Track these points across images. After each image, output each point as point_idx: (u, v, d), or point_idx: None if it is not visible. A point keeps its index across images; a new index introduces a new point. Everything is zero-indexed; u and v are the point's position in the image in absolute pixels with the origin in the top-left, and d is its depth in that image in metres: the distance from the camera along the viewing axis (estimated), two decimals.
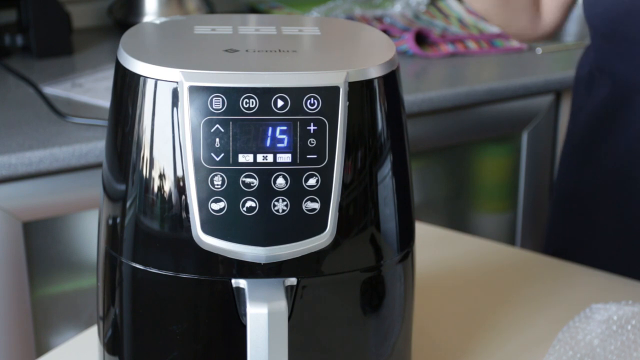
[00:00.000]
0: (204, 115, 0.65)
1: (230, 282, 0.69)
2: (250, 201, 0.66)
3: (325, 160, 0.66)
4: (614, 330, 0.86)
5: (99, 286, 0.74)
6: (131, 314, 0.72)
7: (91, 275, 1.51)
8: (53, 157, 1.42)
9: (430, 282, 1.01)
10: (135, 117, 0.68)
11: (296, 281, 0.69)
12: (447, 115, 1.77)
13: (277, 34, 0.75)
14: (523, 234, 1.94)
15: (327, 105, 0.66)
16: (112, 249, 0.71)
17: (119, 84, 0.70)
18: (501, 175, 1.93)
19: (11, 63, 1.74)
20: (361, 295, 0.72)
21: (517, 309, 0.97)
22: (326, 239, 0.67)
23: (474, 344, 0.91)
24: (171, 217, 0.68)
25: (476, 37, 1.95)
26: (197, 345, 0.71)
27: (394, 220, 0.72)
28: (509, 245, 1.11)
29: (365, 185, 0.69)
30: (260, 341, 0.66)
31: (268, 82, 0.65)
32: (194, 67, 0.66)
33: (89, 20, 2.04)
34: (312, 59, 0.71)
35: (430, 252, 1.07)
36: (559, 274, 1.03)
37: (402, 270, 0.74)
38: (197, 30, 0.75)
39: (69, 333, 1.56)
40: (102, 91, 1.63)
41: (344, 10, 2.04)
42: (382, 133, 0.70)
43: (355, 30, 0.80)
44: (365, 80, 0.68)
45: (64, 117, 1.51)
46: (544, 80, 1.81)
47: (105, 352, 0.75)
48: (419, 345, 0.88)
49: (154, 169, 0.68)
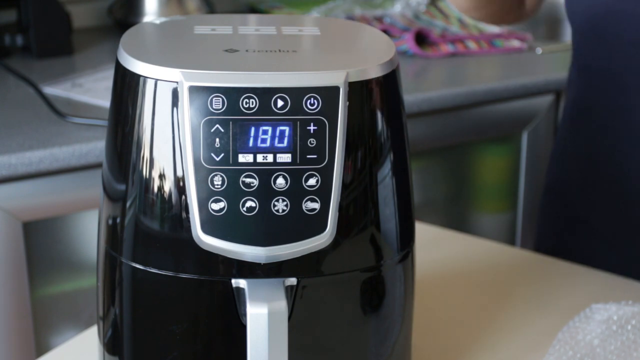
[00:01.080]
0: (204, 115, 0.65)
1: (230, 282, 0.69)
2: (250, 201, 0.66)
3: (325, 160, 0.66)
4: (614, 330, 0.86)
5: (99, 286, 0.74)
6: (131, 314, 0.72)
7: (91, 275, 1.51)
8: (53, 157, 1.42)
9: (430, 282, 1.01)
10: (135, 117, 0.68)
11: (296, 281, 0.69)
12: (447, 115, 1.77)
13: (277, 34, 0.75)
14: (523, 234, 1.94)
15: (327, 105, 0.66)
16: (112, 249, 0.71)
17: (119, 84, 0.70)
18: (501, 175, 1.93)
19: (11, 63, 1.74)
20: (361, 295, 0.72)
21: (517, 309, 0.97)
22: (326, 239, 0.67)
23: (474, 344, 0.91)
24: (171, 217, 0.68)
25: (476, 37, 1.95)
26: (197, 345, 0.71)
27: (394, 220, 0.72)
28: (509, 245, 1.11)
29: (365, 185, 0.69)
30: (260, 341, 0.66)
31: (268, 82, 0.65)
32: (194, 67, 0.66)
33: (89, 20, 2.04)
34: (312, 59, 0.71)
35: (430, 252, 1.07)
36: (559, 274, 1.03)
37: (402, 270, 0.74)
38: (197, 30, 0.75)
39: (69, 333, 1.56)
40: (102, 91, 1.63)
41: (344, 10, 2.04)
42: (382, 133, 0.70)
43: (355, 30, 0.80)
44: (365, 80, 0.68)
45: (64, 117, 1.51)
46: (544, 80, 1.81)
47: (105, 352, 0.75)
48: (419, 345, 0.88)
49: (154, 169, 0.68)
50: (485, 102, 1.78)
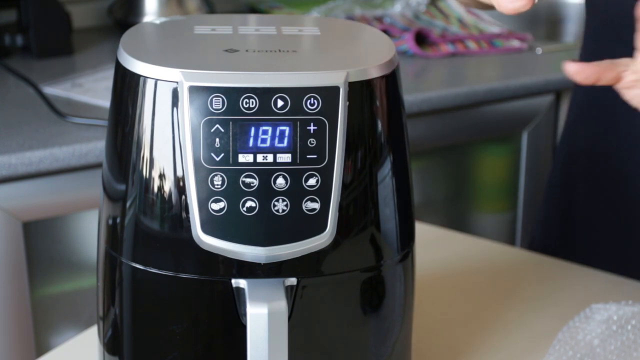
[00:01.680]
0: (204, 115, 0.65)
1: (230, 282, 0.69)
2: (250, 201, 0.66)
3: (325, 160, 0.66)
4: (614, 330, 0.86)
5: (99, 286, 0.74)
6: (131, 314, 0.72)
7: (91, 275, 1.51)
8: (53, 157, 1.42)
9: (430, 282, 1.01)
10: (135, 117, 0.68)
11: (296, 281, 0.69)
12: (447, 115, 1.77)
13: (277, 34, 0.75)
14: (523, 234, 1.94)
15: (327, 105, 0.66)
16: (112, 249, 0.71)
17: (119, 84, 0.70)
18: (501, 175, 1.93)
19: (11, 63, 1.74)
20: (361, 295, 0.72)
21: (517, 309, 0.97)
22: (326, 239, 0.67)
23: (474, 344, 0.91)
24: (171, 217, 0.68)
25: (476, 37, 1.95)
26: (197, 345, 0.71)
27: (394, 220, 0.72)
28: (509, 245, 1.11)
29: (365, 185, 0.69)
30: (260, 341, 0.66)
31: (268, 82, 0.65)
32: (194, 67, 0.66)
33: (89, 20, 2.04)
34: (312, 59, 0.71)
35: (430, 252, 1.07)
36: (559, 274, 1.03)
37: (402, 270, 0.74)
38: (197, 30, 0.75)
39: (69, 333, 1.56)
40: (102, 91, 1.63)
41: (344, 10, 2.04)
42: (382, 133, 0.70)
43: (355, 30, 0.80)
44: (365, 80, 0.68)
45: (64, 117, 1.51)
46: (544, 80, 1.81)
47: (105, 352, 0.75)
48: (419, 345, 0.88)
49: (154, 169, 0.68)
50: (485, 102, 1.78)
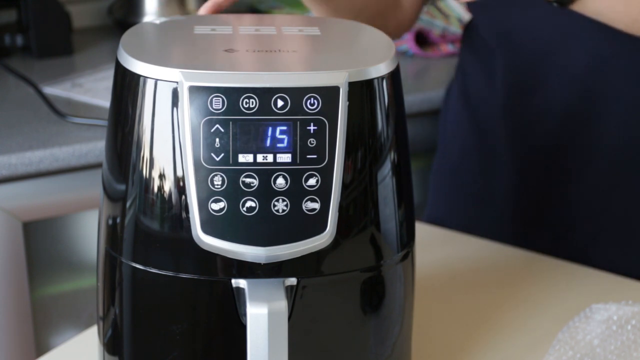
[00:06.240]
0: (204, 115, 0.65)
1: (230, 282, 0.69)
2: (250, 201, 0.66)
3: (325, 160, 0.66)
4: (614, 330, 0.86)
5: (99, 286, 0.74)
6: (131, 314, 0.72)
7: (91, 275, 1.51)
8: (53, 157, 1.42)
9: (431, 282, 1.01)
10: (135, 117, 0.68)
11: (296, 281, 0.69)
12: None
13: (277, 34, 0.75)
14: None
15: (327, 105, 0.66)
16: (112, 249, 0.71)
17: (119, 84, 0.70)
18: None
19: (11, 63, 1.74)
20: (361, 295, 0.72)
21: (517, 309, 0.97)
22: (326, 239, 0.67)
23: (474, 344, 0.91)
24: (171, 217, 0.68)
25: None
26: (197, 345, 0.71)
27: (394, 220, 0.72)
28: (509, 245, 1.11)
29: (365, 185, 0.69)
30: (260, 341, 0.66)
31: (268, 82, 0.65)
32: (194, 67, 0.66)
33: (89, 20, 2.04)
34: (312, 59, 0.71)
35: (430, 252, 1.07)
36: (559, 274, 1.03)
37: (402, 270, 0.74)
38: (197, 30, 0.75)
39: (69, 333, 1.56)
40: (102, 91, 1.63)
41: None
42: (382, 133, 0.70)
43: (355, 30, 0.80)
44: (366, 80, 0.68)
45: (64, 117, 1.51)
46: None
47: (105, 352, 0.75)
48: (419, 345, 0.88)
49: (154, 169, 0.68)
50: None
